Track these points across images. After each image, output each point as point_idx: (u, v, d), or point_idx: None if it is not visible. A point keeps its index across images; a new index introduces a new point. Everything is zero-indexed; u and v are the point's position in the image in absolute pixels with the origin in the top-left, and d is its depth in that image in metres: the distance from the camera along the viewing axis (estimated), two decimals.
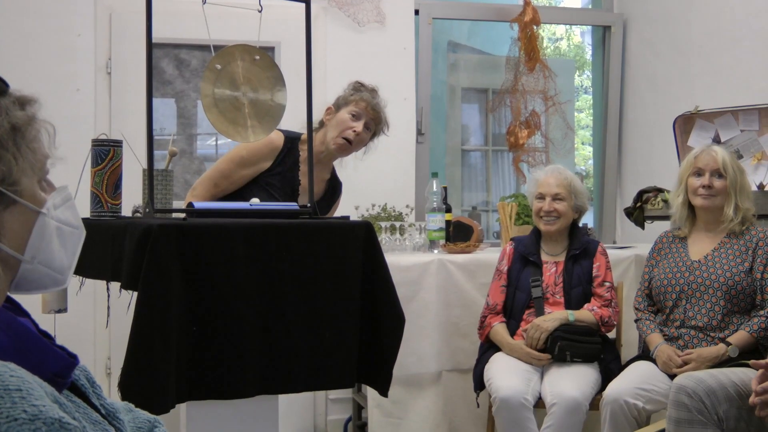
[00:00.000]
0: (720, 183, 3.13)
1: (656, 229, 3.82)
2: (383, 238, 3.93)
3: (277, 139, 3.09)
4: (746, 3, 4.25)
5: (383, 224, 3.98)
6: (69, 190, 1.19)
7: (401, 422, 3.67)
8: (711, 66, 4.44)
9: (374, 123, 3.19)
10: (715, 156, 3.15)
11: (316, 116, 2.99)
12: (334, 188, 3.36)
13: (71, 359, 1.10)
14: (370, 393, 3.60)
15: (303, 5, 2.45)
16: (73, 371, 1.10)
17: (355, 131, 3.12)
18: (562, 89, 5.15)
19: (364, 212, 4.18)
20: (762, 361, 2.42)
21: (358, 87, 3.22)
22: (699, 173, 3.16)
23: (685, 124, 4.16)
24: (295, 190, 3.12)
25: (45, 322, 1.42)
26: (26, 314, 1.17)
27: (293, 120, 3.22)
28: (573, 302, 3.36)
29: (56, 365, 1.06)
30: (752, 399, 2.43)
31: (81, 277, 2.44)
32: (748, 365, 2.78)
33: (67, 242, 1.17)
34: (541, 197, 3.47)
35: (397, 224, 4.02)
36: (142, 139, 2.33)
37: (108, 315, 2.52)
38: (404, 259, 3.69)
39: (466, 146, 5.90)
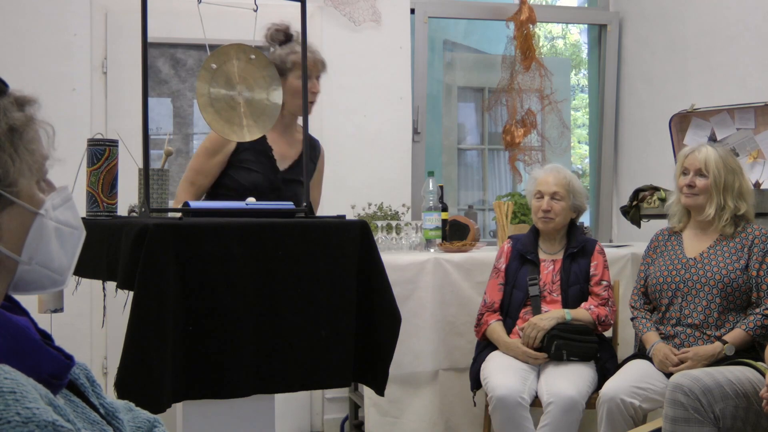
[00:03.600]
0: (702, 182, 3.14)
1: (652, 227, 3.83)
2: (379, 237, 3.93)
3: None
4: (742, 1, 4.25)
5: (379, 223, 3.98)
6: (69, 191, 1.18)
7: (398, 421, 3.67)
8: (707, 64, 4.44)
9: (323, 71, 3.23)
10: (698, 155, 3.17)
11: None
12: (312, 146, 3.33)
13: (67, 361, 1.10)
14: (367, 392, 3.60)
15: (299, 4, 2.45)
16: (69, 373, 1.10)
17: (313, 92, 3.16)
18: (558, 88, 5.16)
19: (360, 211, 4.18)
20: None
21: (280, 39, 3.18)
22: (685, 172, 3.19)
23: (681, 122, 4.16)
24: (270, 157, 3.16)
25: (41, 321, 1.42)
26: (25, 313, 1.16)
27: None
28: (570, 300, 3.37)
29: (51, 367, 1.06)
30: (763, 392, 2.43)
31: (77, 277, 2.44)
32: (744, 363, 2.79)
33: (67, 243, 1.16)
34: (540, 196, 3.47)
35: (393, 223, 4.01)
36: (138, 138, 2.33)
37: (104, 314, 2.52)
38: (400, 258, 3.69)
39: (463, 145, 5.91)
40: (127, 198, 2.85)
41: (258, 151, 3.13)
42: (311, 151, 3.28)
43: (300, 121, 3.28)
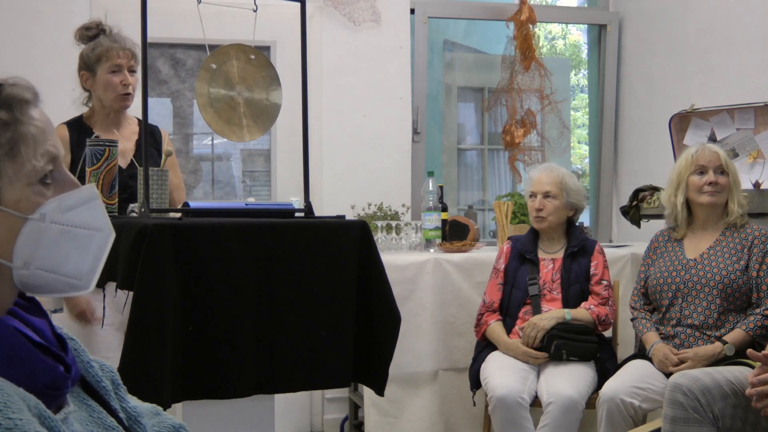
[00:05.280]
0: (724, 179, 3.13)
1: (652, 227, 3.83)
2: (379, 237, 3.93)
3: (59, 128, 3.01)
4: (742, 1, 4.25)
5: (379, 223, 3.98)
6: (90, 191, 1.14)
7: (397, 421, 3.67)
8: (707, 64, 4.44)
9: (135, 61, 3.07)
10: (717, 153, 3.15)
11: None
12: (150, 133, 3.19)
13: (65, 373, 1.07)
14: (367, 392, 3.60)
15: (298, 4, 2.45)
16: (67, 383, 1.07)
17: (125, 83, 3.01)
18: (558, 88, 5.15)
19: (360, 211, 4.18)
20: (760, 353, 2.42)
21: (90, 35, 3.06)
22: (702, 171, 3.15)
23: (680, 122, 4.16)
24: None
25: None
26: (44, 314, 1.15)
27: (289, 119, 3.22)
28: (570, 299, 3.37)
29: (47, 377, 1.04)
30: (748, 391, 2.43)
31: None
32: (744, 363, 2.79)
33: (86, 245, 1.12)
34: (533, 195, 3.48)
35: (393, 223, 4.01)
36: None
37: (104, 315, 2.53)
38: (400, 258, 3.69)
39: (462, 145, 5.90)
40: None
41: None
42: (151, 138, 3.17)
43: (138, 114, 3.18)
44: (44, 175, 1.08)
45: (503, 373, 3.16)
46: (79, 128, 3.03)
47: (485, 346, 3.44)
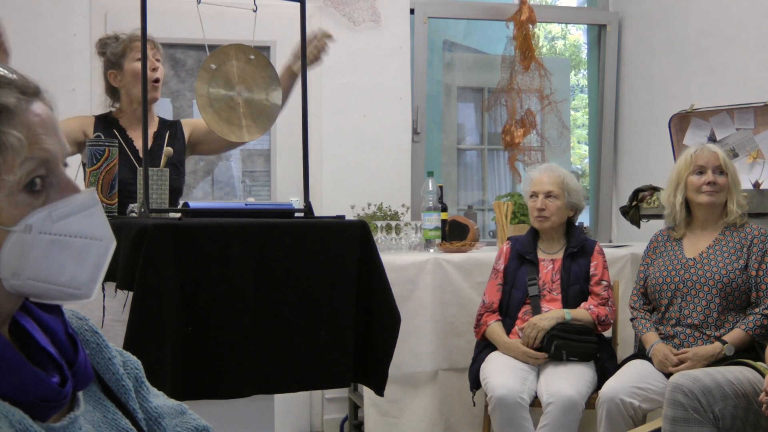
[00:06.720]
0: (722, 179, 3.14)
1: (652, 227, 3.83)
2: (379, 237, 3.93)
3: (87, 120, 3.08)
4: (741, 2, 4.25)
5: (379, 223, 3.98)
6: (88, 198, 1.06)
7: (397, 421, 3.67)
8: (706, 64, 4.44)
9: (158, 51, 3.13)
10: (716, 153, 3.16)
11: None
12: (170, 126, 3.25)
13: (59, 386, 1.03)
14: (367, 392, 3.60)
15: (298, 4, 2.45)
16: (62, 396, 1.04)
17: (154, 69, 3.06)
18: (558, 88, 5.15)
19: (360, 211, 4.18)
20: None
21: (109, 42, 3.13)
22: (701, 171, 3.16)
23: (680, 122, 4.16)
24: (132, 149, 3.06)
25: None
26: (60, 312, 1.13)
27: (289, 119, 3.22)
28: (570, 300, 3.37)
29: (37, 389, 1.00)
30: (762, 397, 2.43)
31: None
32: (744, 363, 2.79)
33: (83, 255, 1.05)
34: (535, 195, 3.48)
35: (393, 223, 4.01)
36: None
37: (103, 315, 2.52)
38: (400, 259, 3.69)
39: (462, 145, 5.90)
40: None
41: (123, 148, 3.02)
42: (172, 129, 3.21)
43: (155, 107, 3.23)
44: (32, 183, 1.01)
45: (503, 374, 3.16)
46: (106, 122, 3.08)
47: (485, 347, 3.44)
